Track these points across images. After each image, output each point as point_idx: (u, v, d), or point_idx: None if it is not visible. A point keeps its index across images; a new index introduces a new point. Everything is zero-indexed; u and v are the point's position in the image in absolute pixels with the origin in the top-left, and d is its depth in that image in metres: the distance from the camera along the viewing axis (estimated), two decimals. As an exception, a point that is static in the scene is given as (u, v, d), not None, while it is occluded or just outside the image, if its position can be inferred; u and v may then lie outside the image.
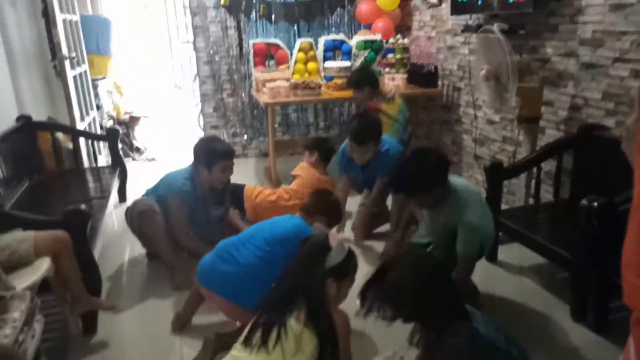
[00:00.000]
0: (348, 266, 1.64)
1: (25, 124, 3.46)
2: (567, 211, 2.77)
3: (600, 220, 2.08)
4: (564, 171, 2.91)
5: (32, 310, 1.60)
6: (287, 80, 4.26)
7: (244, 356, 1.46)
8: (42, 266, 2.03)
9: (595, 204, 2.09)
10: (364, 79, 3.62)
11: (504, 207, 2.91)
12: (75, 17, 4.38)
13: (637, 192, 0.63)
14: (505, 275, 2.79)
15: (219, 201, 2.94)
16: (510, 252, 2.93)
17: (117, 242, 3.28)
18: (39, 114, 3.76)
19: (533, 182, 3.05)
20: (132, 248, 3.17)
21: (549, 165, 3.05)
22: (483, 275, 2.70)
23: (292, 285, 1.56)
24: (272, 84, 4.09)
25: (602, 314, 2.22)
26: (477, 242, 2.22)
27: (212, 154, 2.77)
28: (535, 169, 2.99)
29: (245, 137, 5.24)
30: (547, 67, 3.07)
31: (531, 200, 3.10)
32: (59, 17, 3.80)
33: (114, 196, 3.61)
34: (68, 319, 2.32)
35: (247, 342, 1.48)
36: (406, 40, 4.57)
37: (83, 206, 2.27)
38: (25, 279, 1.92)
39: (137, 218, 2.72)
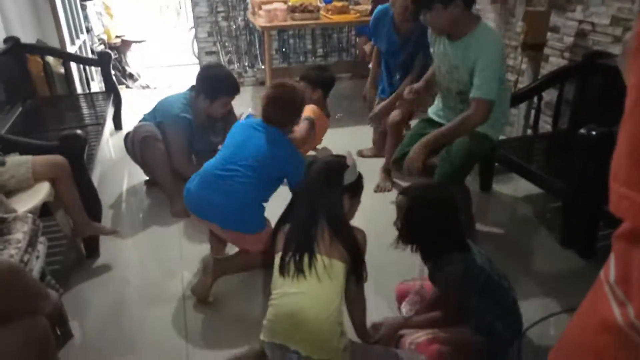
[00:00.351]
0: (360, 184, 1.68)
1: (14, 46, 3.35)
2: (565, 141, 2.77)
3: (598, 149, 2.08)
4: (565, 101, 2.87)
5: (35, 232, 1.63)
6: (285, 2, 4.08)
7: (288, 284, 1.50)
8: (42, 190, 2.05)
9: (594, 132, 2.09)
10: None
11: (501, 137, 2.90)
12: None
13: (629, 101, 0.62)
14: (499, 204, 2.84)
15: (219, 129, 2.90)
16: (505, 183, 2.97)
17: (114, 170, 3.29)
18: (26, 37, 3.62)
19: (532, 112, 3.02)
20: (131, 176, 3.19)
21: (549, 95, 3.00)
22: (477, 204, 2.74)
23: (313, 205, 1.57)
24: (268, 6, 3.92)
25: (590, 241, 2.28)
26: (494, 87, 2.05)
27: (217, 87, 2.65)
28: (535, 99, 2.95)
29: (239, 64, 5.10)
30: (556, -10, 2.94)
31: (529, 131, 3.08)
32: None
33: (109, 123, 3.57)
34: (71, 242, 2.39)
35: (282, 272, 1.51)
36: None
37: (78, 131, 2.24)
38: (26, 203, 1.95)
39: (138, 144, 2.68)
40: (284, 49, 5.10)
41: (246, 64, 5.11)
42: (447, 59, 2.22)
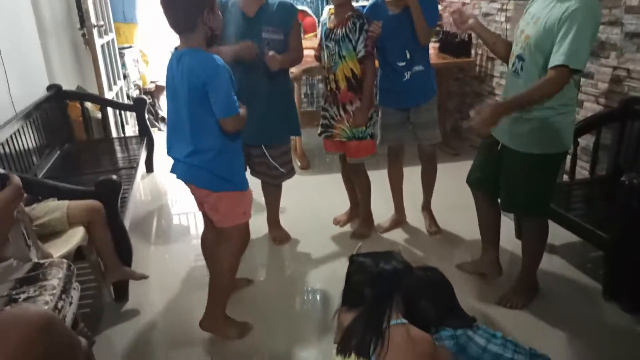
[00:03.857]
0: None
1: (56, 93, 3.50)
2: (603, 189, 2.68)
3: (641, 198, 2.01)
4: (602, 147, 2.80)
5: (69, 278, 1.64)
6: (315, 49, 4.16)
7: None
8: (77, 235, 2.08)
9: (636, 180, 2.02)
10: None
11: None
12: (102, -15, 4.35)
13: None
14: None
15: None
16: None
17: (145, 214, 3.33)
18: (68, 84, 3.79)
19: (569, 157, 2.95)
20: (159, 219, 3.22)
21: (585, 141, 2.94)
22: (511, 253, 2.65)
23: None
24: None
25: (637, 295, 2.16)
26: (584, 52, 1.80)
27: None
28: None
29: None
30: (589, 37, 2.92)
31: (565, 177, 3.00)
32: (86, -16, 3.77)
33: (141, 166, 3.65)
34: (101, 287, 2.40)
35: (343, 350, 1.46)
36: (439, 7, 4.40)
37: (114, 176, 2.29)
38: (60, 248, 1.97)
39: None
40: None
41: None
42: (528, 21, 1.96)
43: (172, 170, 1.95)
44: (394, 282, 1.55)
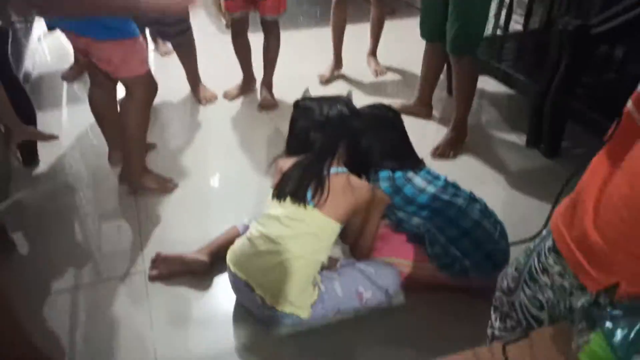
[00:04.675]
0: None
1: None
2: (535, 41, 2.69)
3: (574, 44, 2.00)
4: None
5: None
6: None
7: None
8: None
9: (570, 26, 1.99)
10: None
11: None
12: None
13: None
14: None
15: None
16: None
17: (52, 73, 2.97)
18: None
19: (504, 11, 2.87)
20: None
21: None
22: (443, 107, 2.66)
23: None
24: None
25: (556, 141, 2.26)
26: None
27: None
28: (507, -5, 2.79)
29: None
30: None
31: (499, 32, 2.95)
32: None
33: (41, 22, 3.18)
34: (4, 150, 2.16)
35: (279, 195, 1.41)
36: None
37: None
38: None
39: None
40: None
41: None
42: None
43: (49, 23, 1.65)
44: (339, 127, 1.48)
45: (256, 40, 2.63)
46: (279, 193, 1.42)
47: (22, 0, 2.18)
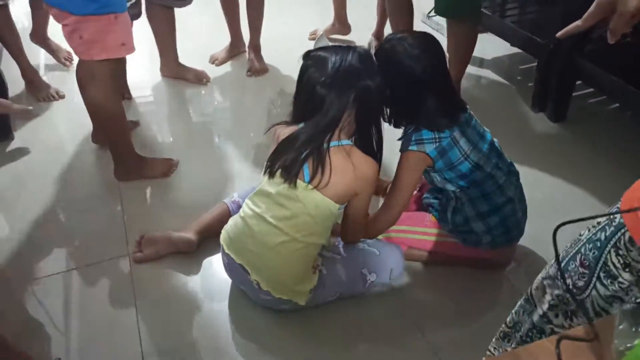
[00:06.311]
0: None
1: None
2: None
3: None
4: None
5: None
6: None
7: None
8: None
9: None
10: None
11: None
12: None
13: None
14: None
15: None
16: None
17: (27, 42, 2.76)
18: None
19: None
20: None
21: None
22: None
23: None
24: None
25: (563, 103, 2.15)
26: None
27: None
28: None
29: None
30: None
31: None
32: None
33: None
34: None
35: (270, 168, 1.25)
36: None
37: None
38: None
39: None
40: None
41: None
42: None
43: None
44: (353, 82, 1.21)
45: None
46: (270, 167, 1.24)
47: None
